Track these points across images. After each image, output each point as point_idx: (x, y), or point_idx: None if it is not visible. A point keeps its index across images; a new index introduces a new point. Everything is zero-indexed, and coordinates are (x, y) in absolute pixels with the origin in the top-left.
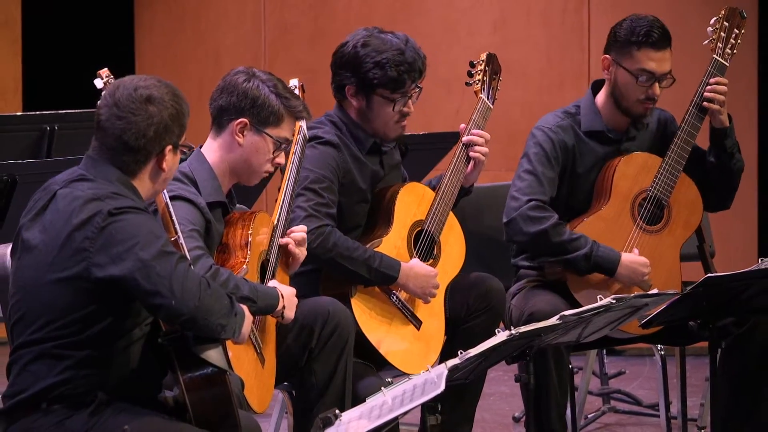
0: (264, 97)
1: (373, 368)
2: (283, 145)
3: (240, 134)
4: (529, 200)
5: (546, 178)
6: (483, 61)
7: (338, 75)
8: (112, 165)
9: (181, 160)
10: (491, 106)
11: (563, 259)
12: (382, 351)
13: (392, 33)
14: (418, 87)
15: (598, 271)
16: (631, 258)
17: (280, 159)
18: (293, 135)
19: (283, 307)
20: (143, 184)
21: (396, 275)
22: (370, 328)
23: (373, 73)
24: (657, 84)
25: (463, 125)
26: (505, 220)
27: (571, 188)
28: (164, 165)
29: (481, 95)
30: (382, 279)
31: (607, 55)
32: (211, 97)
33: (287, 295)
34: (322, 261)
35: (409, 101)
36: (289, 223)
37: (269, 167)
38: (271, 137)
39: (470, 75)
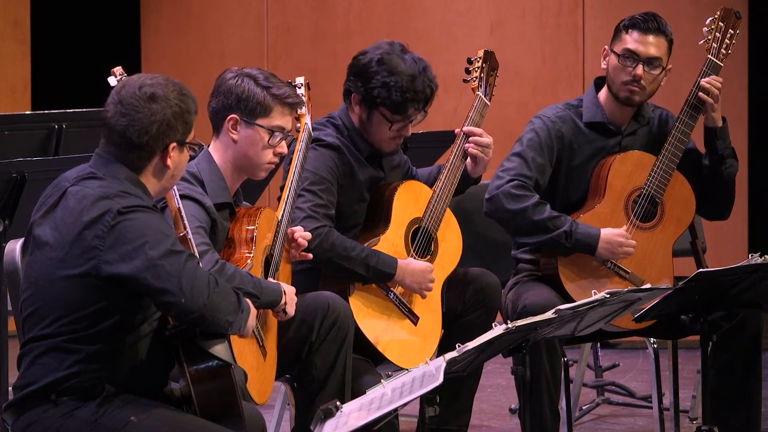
0: (248, 91)
1: (370, 363)
2: (277, 133)
3: (233, 130)
4: (512, 179)
5: (535, 163)
6: (480, 58)
7: (349, 81)
8: (120, 162)
9: (191, 158)
10: (488, 102)
11: (545, 239)
12: (379, 348)
13: (413, 56)
14: (425, 111)
15: (580, 249)
16: (608, 233)
17: (282, 148)
18: (289, 121)
19: (285, 303)
20: (149, 180)
21: (393, 272)
22: (367, 326)
23: (378, 92)
24: (641, 66)
25: (458, 130)
26: (487, 196)
27: (568, 180)
28: (169, 162)
29: (478, 92)
30: (380, 277)
31: (606, 46)
32: (208, 103)
33: (288, 292)
34: (320, 261)
35: (409, 125)
36: (292, 222)
37: (271, 158)
38: (263, 127)
39: (468, 72)
